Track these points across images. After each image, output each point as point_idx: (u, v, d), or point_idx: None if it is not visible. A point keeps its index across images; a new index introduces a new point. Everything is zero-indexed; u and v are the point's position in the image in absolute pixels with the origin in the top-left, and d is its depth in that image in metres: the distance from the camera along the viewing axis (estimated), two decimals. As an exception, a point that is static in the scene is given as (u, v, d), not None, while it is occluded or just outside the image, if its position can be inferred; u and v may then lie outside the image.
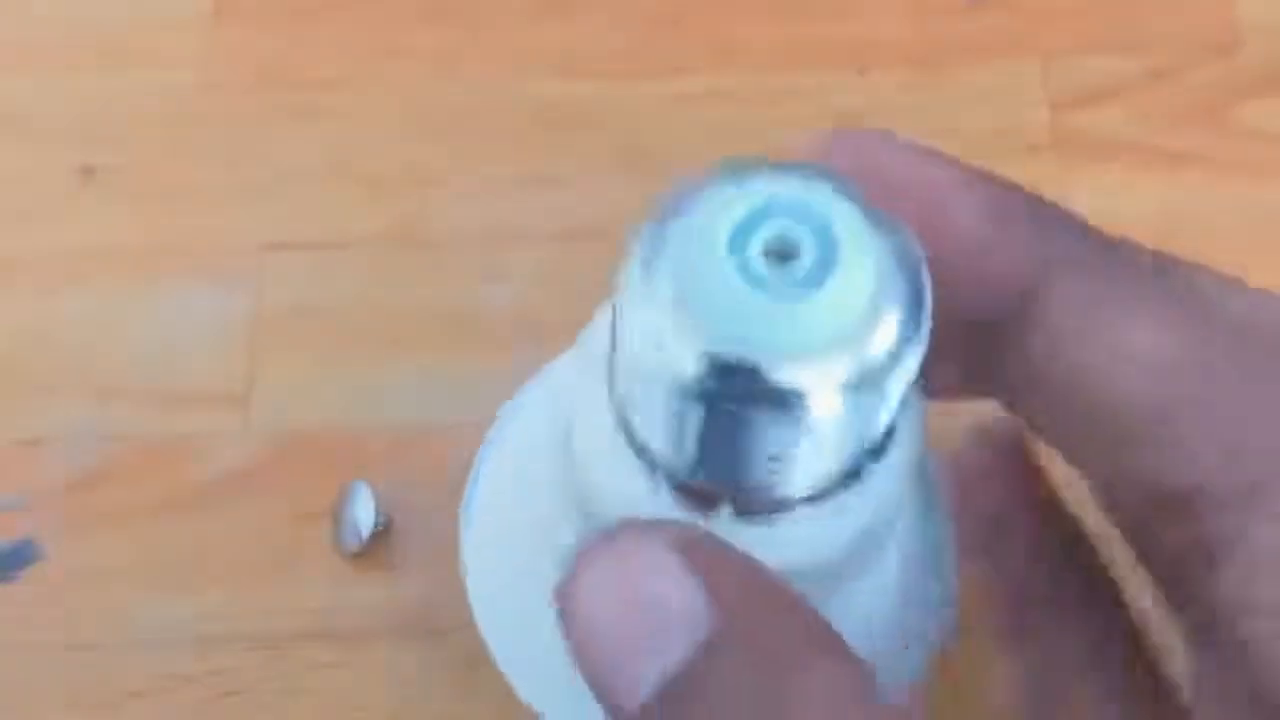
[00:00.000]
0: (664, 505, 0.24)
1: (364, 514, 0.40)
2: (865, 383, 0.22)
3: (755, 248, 0.22)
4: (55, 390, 0.43)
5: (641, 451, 0.24)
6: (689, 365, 0.21)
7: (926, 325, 0.22)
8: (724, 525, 0.24)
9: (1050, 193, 0.44)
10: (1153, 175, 0.45)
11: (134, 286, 0.44)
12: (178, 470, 0.42)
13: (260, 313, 0.44)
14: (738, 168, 0.22)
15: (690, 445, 0.23)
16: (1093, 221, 0.27)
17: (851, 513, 0.24)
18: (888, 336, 0.22)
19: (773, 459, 0.22)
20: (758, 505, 0.24)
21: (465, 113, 0.47)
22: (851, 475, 0.24)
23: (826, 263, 0.21)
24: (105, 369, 0.43)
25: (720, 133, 0.46)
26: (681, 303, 0.21)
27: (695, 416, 0.22)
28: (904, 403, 0.23)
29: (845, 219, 0.22)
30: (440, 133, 0.46)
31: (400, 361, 0.43)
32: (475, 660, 0.38)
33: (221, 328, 0.43)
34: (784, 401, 0.21)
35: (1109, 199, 0.44)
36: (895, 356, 0.22)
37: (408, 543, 0.41)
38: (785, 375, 0.21)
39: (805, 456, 0.23)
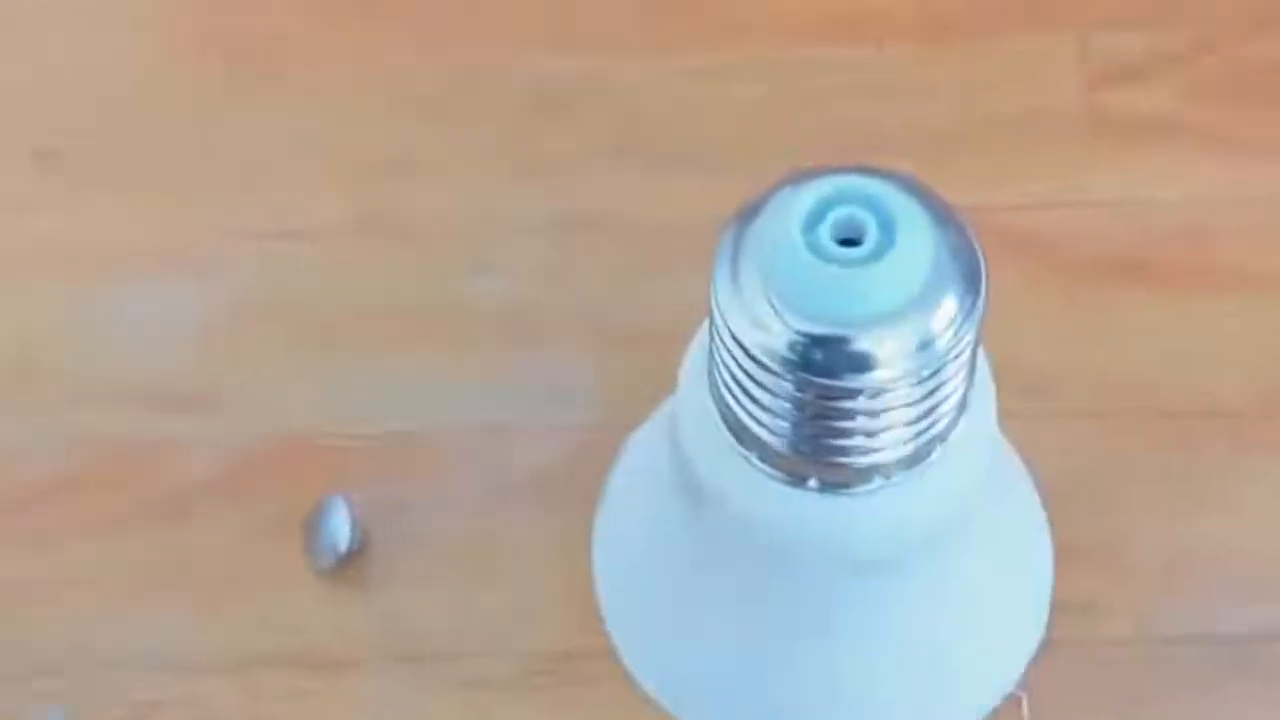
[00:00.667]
0: (760, 481, 0.27)
1: (340, 530, 0.38)
2: (930, 353, 0.24)
3: (825, 232, 0.25)
4: (7, 393, 0.41)
5: (740, 432, 0.27)
6: (780, 340, 0.25)
7: (983, 305, 0.25)
8: (811, 498, 0.27)
9: (1080, 177, 0.42)
10: (1189, 160, 0.42)
11: (97, 284, 0.42)
12: (142, 479, 0.40)
13: (231, 311, 0.42)
14: (806, 171, 0.26)
15: (783, 421, 0.26)
16: (1123, 210, 0.28)
17: (929, 488, 0.27)
18: (947, 311, 0.25)
19: (854, 431, 0.25)
20: (841, 477, 0.26)
21: (451, 90, 0.44)
22: (927, 449, 0.26)
23: (887, 242, 0.24)
24: (64, 372, 0.41)
25: (725, 112, 0.43)
26: (768, 284, 0.25)
27: (787, 390, 0.25)
28: (972, 380, 0.26)
29: (903, 207, 0.25)
30: (424, 112, 0.44)
31: (381, 362, 0.41)
32: (474, 687, 0.37)
33: (190, 327, 0.41)
34: (864, 364, 0.24)
35: (1143, 185, 0.42)
36: (954, 329, 0.25)
37: (388, 560, 0.39)
38: (862, 343, 0.24)
39: (884, 428, 0.25)
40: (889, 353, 0.24)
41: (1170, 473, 0.38)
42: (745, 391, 0.26)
